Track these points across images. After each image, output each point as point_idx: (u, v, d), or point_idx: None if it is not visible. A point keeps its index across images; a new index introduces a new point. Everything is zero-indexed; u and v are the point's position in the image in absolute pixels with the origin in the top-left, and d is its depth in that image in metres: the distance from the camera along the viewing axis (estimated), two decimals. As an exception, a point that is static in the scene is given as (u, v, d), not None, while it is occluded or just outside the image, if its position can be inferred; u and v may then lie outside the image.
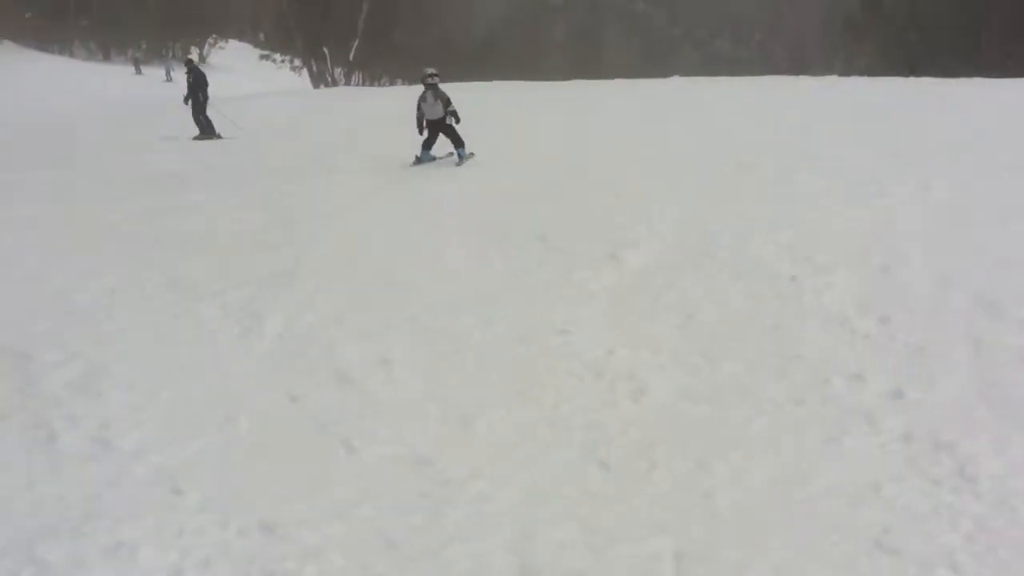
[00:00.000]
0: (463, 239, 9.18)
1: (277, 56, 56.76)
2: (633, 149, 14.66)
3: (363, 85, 51.92)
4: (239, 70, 67.32)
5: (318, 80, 50.16)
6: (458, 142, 13.93)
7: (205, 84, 20.42)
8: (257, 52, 64.70)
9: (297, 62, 53.23)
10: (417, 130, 14.07)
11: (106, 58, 74.18)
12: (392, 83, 56.32)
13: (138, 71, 58.29)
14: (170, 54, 69.47)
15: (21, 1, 72.49)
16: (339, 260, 8.42)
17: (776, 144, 14.03)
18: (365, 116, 23.13)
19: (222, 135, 20.05)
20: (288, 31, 50.90)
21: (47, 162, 16.24)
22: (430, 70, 14.05)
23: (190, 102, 20.30)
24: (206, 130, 20.17)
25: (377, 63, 53.62)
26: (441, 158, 14.37)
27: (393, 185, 12.74)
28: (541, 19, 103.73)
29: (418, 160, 14.17)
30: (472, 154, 14.15)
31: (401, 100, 19.56)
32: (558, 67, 72.82)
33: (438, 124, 13.84)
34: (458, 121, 13.91)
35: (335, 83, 49.79)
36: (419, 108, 13.87)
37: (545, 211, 10.23)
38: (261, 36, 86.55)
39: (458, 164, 13.97)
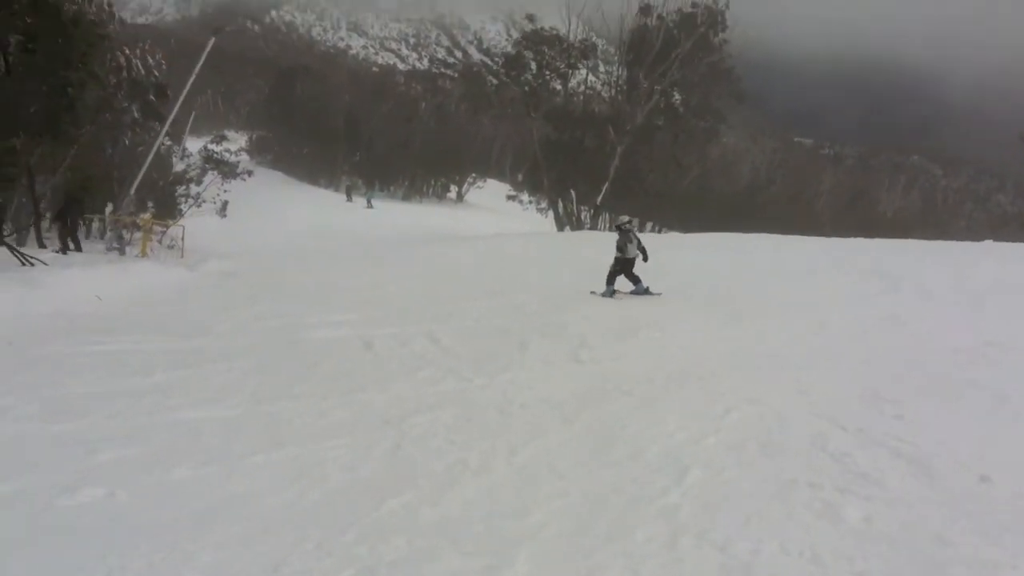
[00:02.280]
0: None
1: (524, 197, 54.72)
2: (941, 364, 9.36)
3: (609, 229, 48.45)
4: (493, 208, 66.37)
5: (563, 222, 47.11)
6: (637, 280, 14.88)
7: (78, 211, 22.90)
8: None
9: (544, 203, 50.67)
10: (620, 269, 15.09)
11: (369, 189, 75.92)
12: (641, 228, 52.58)
13: (349, 199, 63.04)
14: (427, 186, 69.83)
15: (301, 137, 76.05)
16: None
17: None
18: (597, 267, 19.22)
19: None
20: (538, 173, 48.55)
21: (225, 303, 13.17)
22: (626, 217, 15.59)
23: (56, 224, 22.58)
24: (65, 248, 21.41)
25: (626, 206, 50.11)
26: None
27: (589, 406, 8.18)
28: (807, 168, 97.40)
29: (604, 294, 14.87)
30: (647, 289, 14.96)
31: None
32: (825, 217, 66.79)
33: (630, 263, 14.81)
34: (646, 260, 15.23)
35: (580, 225, 46.56)
36: (624, 250, 14.88)
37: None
38: (520, 177, 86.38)
39: (637, 294, 14.94)
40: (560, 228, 46.51)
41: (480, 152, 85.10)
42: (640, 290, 14.57)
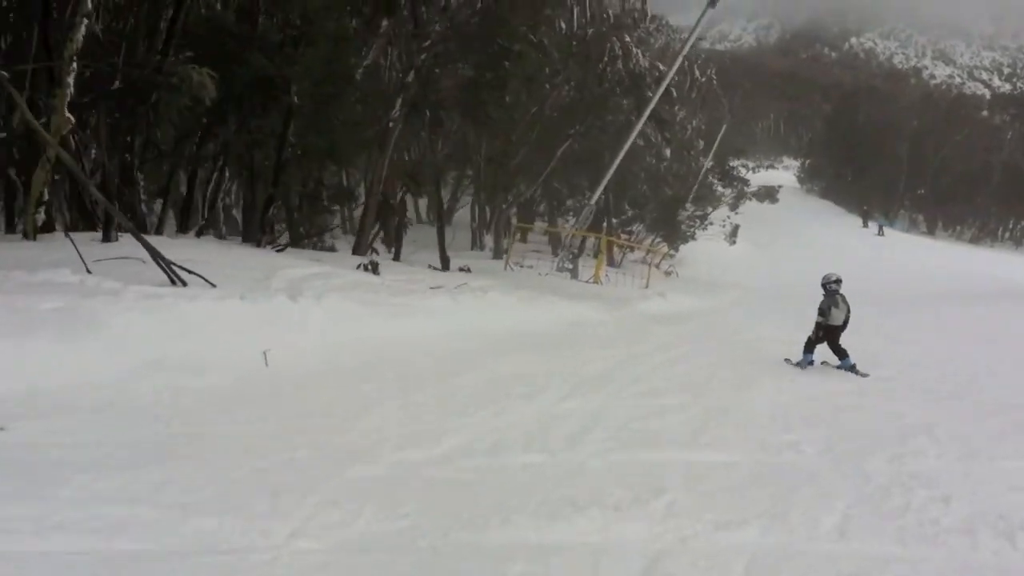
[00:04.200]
0: None
1: None
2: None
3: None
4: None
5: None
6: (843, 354, 11.65)
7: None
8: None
9: None
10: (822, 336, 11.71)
11: (929, 231, 64.41)
12: None
13: (865, 225, 55.80)
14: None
15: (859, 166, 67.30)
16: None
17: None
18: None
19: None
20: None
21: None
22: (834, 275, 12.21)
23: None
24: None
25: None
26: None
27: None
28: None
29: (799, 364, 11.79)
30: (854, 366, 11.44)
31: None
32: None
33: (835, 332, 11.83)
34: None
35: None
36: (827, 314, 11.77)
37: None
38: None
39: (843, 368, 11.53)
40: None
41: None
42: (846, 365, 11.72)
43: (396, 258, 17.09)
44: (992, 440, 7.25)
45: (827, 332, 11.79)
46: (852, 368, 11.41)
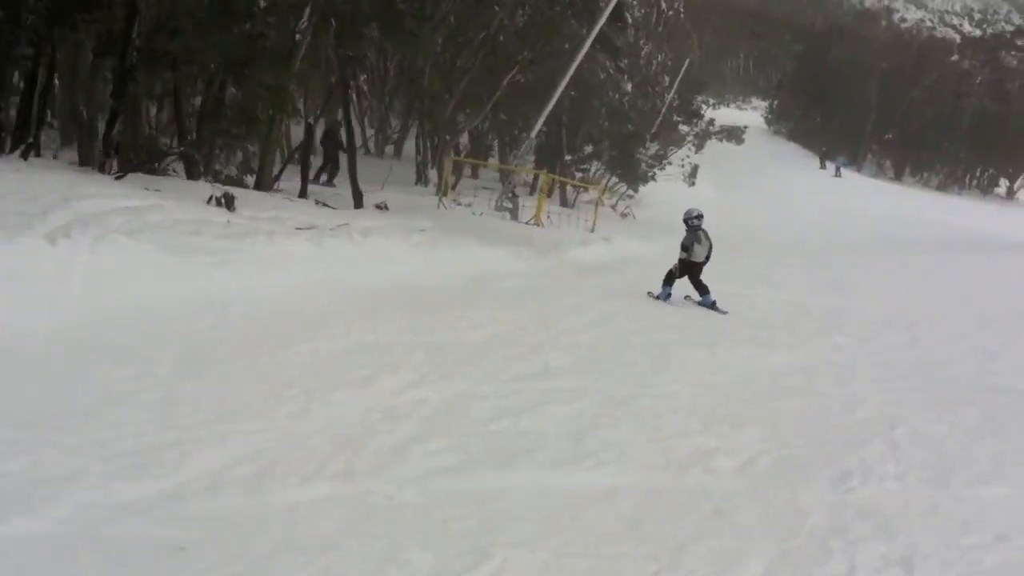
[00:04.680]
0: None
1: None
2: None
3: None
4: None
5: None
6: (704, 290, 11.59)
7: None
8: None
9: None
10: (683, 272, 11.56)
11: (897, 177, 62.87)
12: None
13: (822, 166, 55.24)
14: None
15: (827, 108, 65.61)
16: None
17: None
18: None
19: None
20: None
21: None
22: (696, 211, 11.99)
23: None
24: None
25: None
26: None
27: None
28: None
29: (659, 297, 11.71)
30: (714, 303, 11.27)
31: None
32: None
33: (696, 268, 11.70)
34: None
35: None
36: (690, 250, 11.55)
37: None
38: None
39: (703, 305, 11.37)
40: None
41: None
42: (706, 303, 11.45)
43: (302, 194, 14.95)
44: (966, 445, 5.54)
45: (688, 268, 11.78)
46: (712, 305, 11.40)
